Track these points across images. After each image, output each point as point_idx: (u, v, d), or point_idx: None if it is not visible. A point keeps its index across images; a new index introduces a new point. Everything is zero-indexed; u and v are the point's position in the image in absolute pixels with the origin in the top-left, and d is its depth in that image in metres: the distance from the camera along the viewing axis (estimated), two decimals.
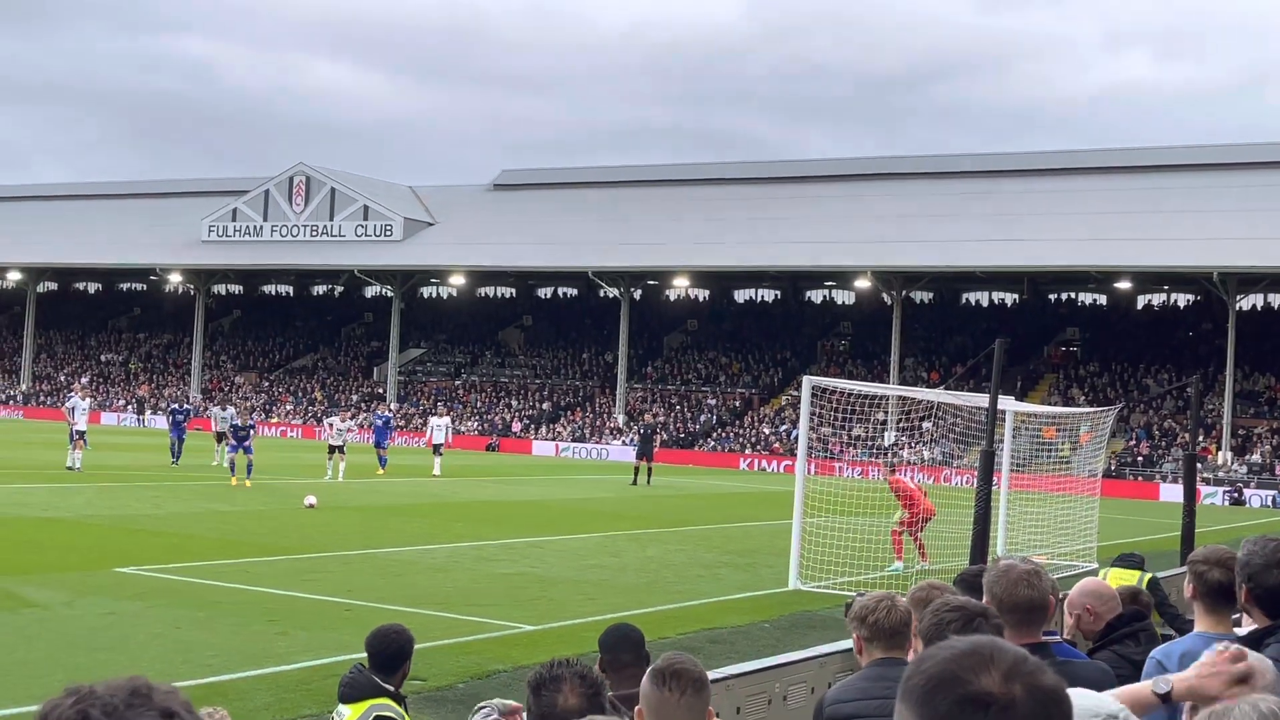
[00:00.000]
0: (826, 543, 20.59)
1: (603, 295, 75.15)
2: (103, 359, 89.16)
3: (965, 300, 76.24)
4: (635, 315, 72.31)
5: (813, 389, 21.18)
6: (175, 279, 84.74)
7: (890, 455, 41.56)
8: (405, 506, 30.75)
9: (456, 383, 78.49)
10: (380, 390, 77.79)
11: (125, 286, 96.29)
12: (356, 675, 6.82)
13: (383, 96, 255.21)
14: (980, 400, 23.82)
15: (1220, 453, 56.53)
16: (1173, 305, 71.67)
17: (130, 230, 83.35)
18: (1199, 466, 37.88)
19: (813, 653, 9.28)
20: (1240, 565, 4.59)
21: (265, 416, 69.99)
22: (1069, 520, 25.90)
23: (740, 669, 8.46)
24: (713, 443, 66.43)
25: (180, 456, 40.16)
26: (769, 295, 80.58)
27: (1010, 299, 75.13)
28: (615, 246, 69.21)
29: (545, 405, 73.32)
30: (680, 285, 77.63)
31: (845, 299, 77.27)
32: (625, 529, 27.76)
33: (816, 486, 23.24)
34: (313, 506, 27.83)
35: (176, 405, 44.51)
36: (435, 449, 43.09)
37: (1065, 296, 74.07)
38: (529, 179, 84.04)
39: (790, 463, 55.19)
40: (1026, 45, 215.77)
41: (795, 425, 53.75)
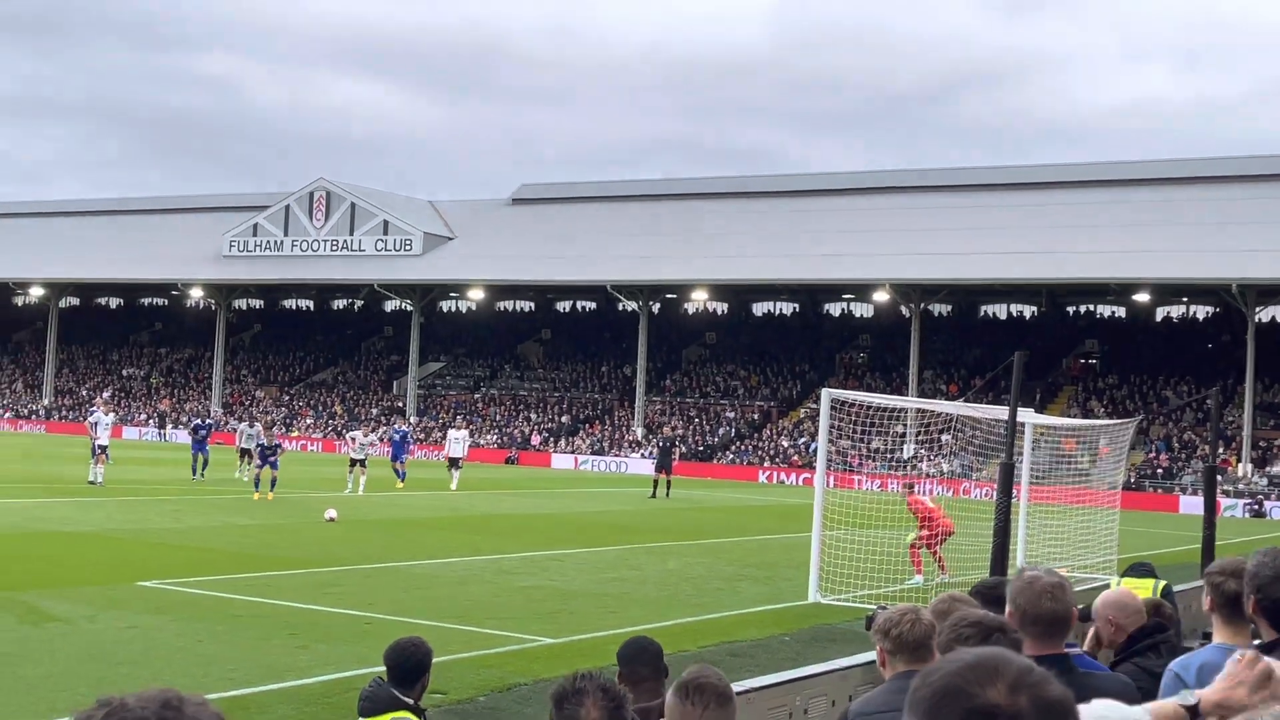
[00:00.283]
0: (846, 556, 20.55)
1: (621, 308, 75.18)
2: (124, 373, 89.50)
3: (984, 313, 76.08)
4: (654, 328, 72.32)
5: (832, 402, 21.15)
6: (196, 294, 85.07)
7: (909, 468, 41.46)
8: (425, 519, 30.80)
9: (476, 396, 78.59)
10: (400, 404, 77.90)
11: (147, 301, 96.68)
12: (376, 689, 6.84)
13: (403, 112, 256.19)
14: (999, 413, 23.76)
15: (1240, 465, 56.27)
16: (1192, 317, 71.42)
17: (152, 245, 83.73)
18: (1219, 479, 37.72)
19: (833, 666, 9.29)
20: (1249, 576, 4.59)
21: (286, 430, 70.14)
22: (1089, 533, 25.80)
23: (760, 682, 8.46)
24: (731, 455, 66.36)
25: (205, 470, 40.18)
26: (787, 308, 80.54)
27: (1029, 311, 74.96)
28: (634, 260, 69.25)
29: (564, 418, 73.35)
30: (699, 298, 77.61)
31: (864, 311, 77.17)
32: (644, 542, 27.75)
33: (836, 499, 23.19)
34: (333, 520, 27.89)
35: (199, 420, 44.60)
36: (453, 463, 43.07)
37: (1084, 309, 73.87)
38: (548, 193, 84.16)
39: (809, 475, 55.10)
40: (1044, 59, 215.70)
41: (814, 438, 53.66)
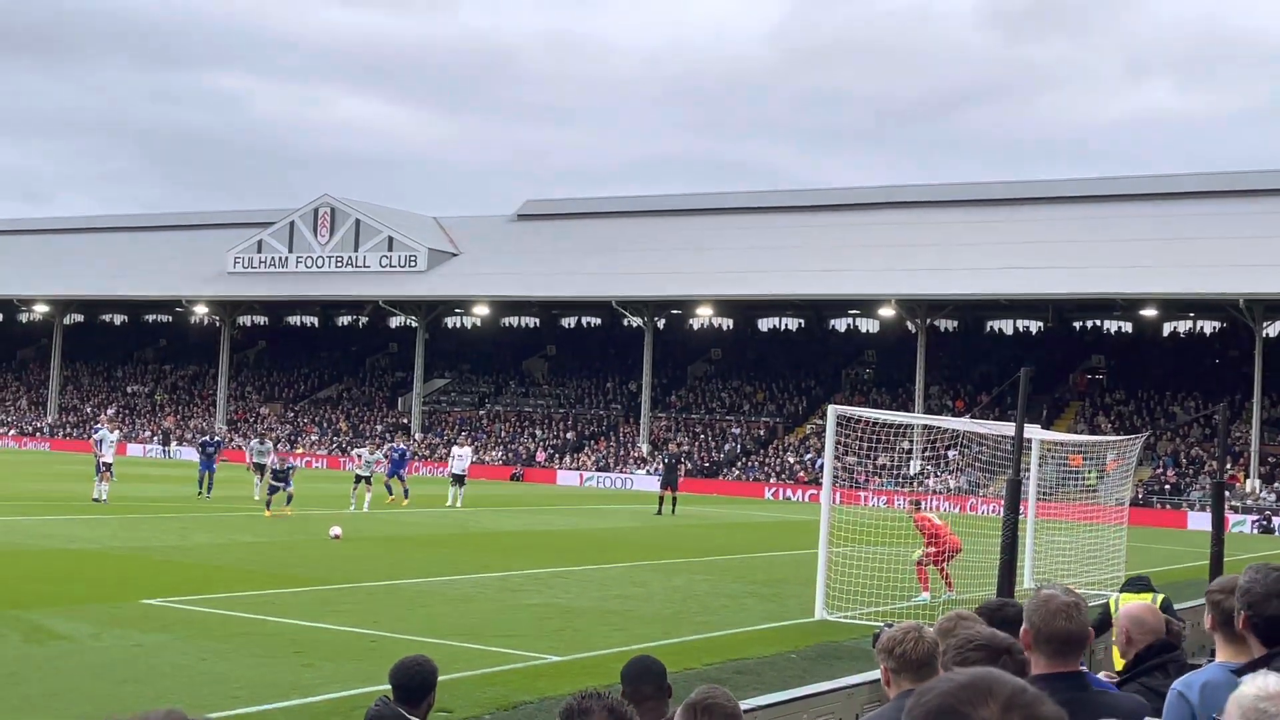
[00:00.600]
0: (853, 572, 20.49)
1: (626, 324, 75.20)
2: (128, 390, 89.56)
3: (990, 328, 76.03)
4: (659, 344, 72.31)
5: (838, 418, 21.11)
6: (201, 310, 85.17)
7: (915, 485, 41.37)
8: (429, 537, 30.77)
9: (481, 412, 78.59)
10: (405, 420, 77.92)
11: (151, 318, 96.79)
12: (382, 707, 6.82)
13: (407, 128, 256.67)
14: (1006, 429, 23.72)
15: (1248, 480, 56.13)
16: (1199, 332, 71.33)
17: (156, 262, 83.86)
18: (1227, 494, 37.64)
19: (840, 684, 9.24)
20: (1240, 592, 4.61)
21: (290, 447, 70.15)
22: (1096, 549, 25.74)
23: (767, 700, 8.42)
24: (737, 472, 66.29)
25: (212, 489, 39.99)
26: (793, 324, 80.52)
27: (1035, 327, 74.89)
28: (639, 276, 69.28)
29: (569, 435, 73.32)
30: (704, 314, 77.64)
31: (869, 327, 77.17)
32: (650, 559, 27.70)
33: (842, 516, 23.14)
34: (338, 538, 27.85)
35: (206, 438, 44.52)
36: (456, 479, 42.94)
37: (1090, 324, 73.80)
38: (552, 209, 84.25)
39: (815, 492, 55.07)
40: (1049, 74, 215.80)
41: (820, 454, 53.64)
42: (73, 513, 32.29)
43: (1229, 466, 54.10)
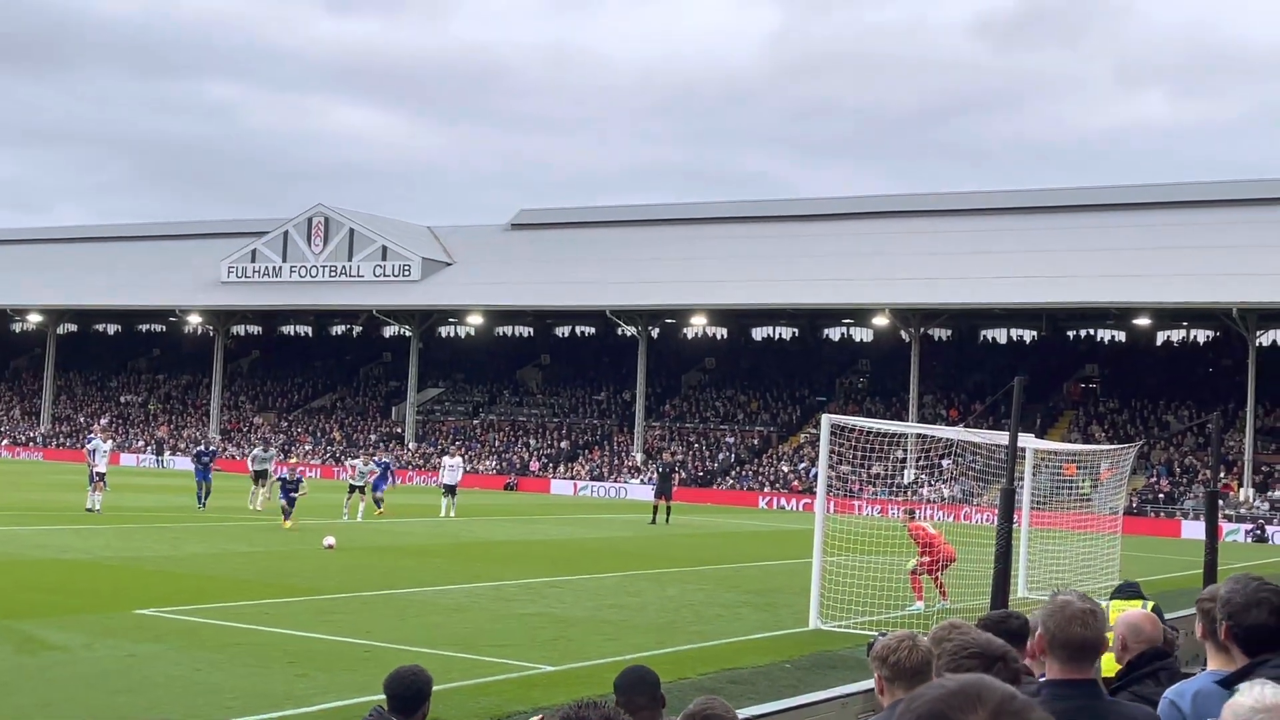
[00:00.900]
0: (847, 582, 20.49)
1: (620, 334, 75.23)
2: (122, 400, 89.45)
3: (984, 337, 76.13)
4: (653, 353, 72.33)
5: (832, 427, 21.12)
6: (194, 320, 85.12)
7: (909, 494, 41.35)
8: (423, 547, 30.73)
9: (474, 422, 78.55)
10: (399, 430, 77.87)
11: (145, 328, 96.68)
12: (376, 717, 6.81)
13: (401, 138, 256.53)
14: (1000, 437, 23.74)
15: (1242, 489, 56.20)
16: (1192, 341, 71.45)
17: (150, 272, 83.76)
18: (1221, 503, 37.70)
19: (834, 693, 9.24)
20: (1221, 603, 4.64)
21: (284, 456, 70.06)
22: (1090, 558, 25.76)
23: (762, 710, 8.42)
24: (731, 481, 66.30)
25: (208, 498, 39.74)
26: (787, 333, 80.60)
27: (1029, 336, 75.00)
28: (633, 285, 69.31)
29: (563, 444, 73.30)
30: (698, 323, 77.71)
31: (863, 336, 77.24)
32: (644, 568, 27.67)
33: (836, 525, 23.14)
34: (331, 547, 27.81)
35: (201, 447, 44.33)
36: (447, 490, 42.74)
37: (1084, 333, 73.92)
38: (546, 218, 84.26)
39: (809, 501, 55.04)
40: (1041, 83, 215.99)
41: (814, 463, 53.61)
42: (66, 523, 32.22)
43: (1222, 475, 54.19)
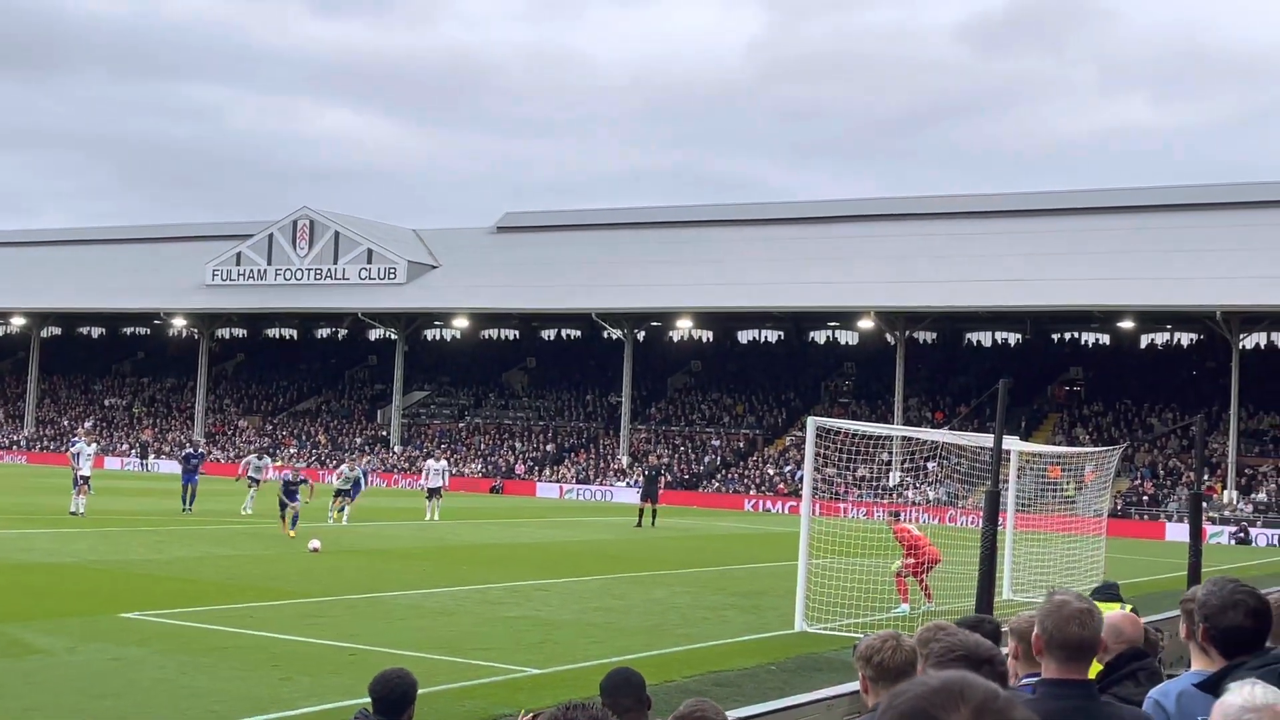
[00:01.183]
0: (832, 584, 20.52)
1: (606, 337, 75.21)
2: (106, 403, 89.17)
3: (968, 340, 76.26)
4: (639, 357, 72.33)
5: (817, 429, 21.14)
6: (179, 323, 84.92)
7: (894, 496, 41.41)
8: (408, 550, 30.70)
9: (460, 425, 78.46)
10: (384, 433, 77.76)
11: (129, 331, 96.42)
12: None
13: (387, 141, 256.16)
14: (985, 440, 23.79)
15: (1225, 492, 56.37)
16: (1176, 344, 71.66)
17: (134, 275, 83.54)
18: (1204, 506, 37.82)
19: (820, 695, 9.26)
20: (1198, 605, 4.66)
21: (271, 460, 69.82)
22: (1075, 560, 25.81)
23: (747, 712, 8.43)
24: (717, 484, 66.32)
25: (194, 501, 39.61)
26: (772, 336, 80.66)
27: (1013, 339, 75.15)
28: (618, 288, 69.31)
29: (549, 447, 73.25)
30: (683, 326, 77.73)
31: (849, 339, 77.33)
32: (630, 571, 27.68)
33: (822, 528, 23.15)
34: (317, 550, 27.77)
35: (189, 450, 44.16)
36: (432, 493, 42.68)
37: (1068, 336, 74.10)
38: (532, 221, 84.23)
39: (795, 504, 55.05)
40: (1025, 87, 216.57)
41: (800, 466, 53.69)
42: (50, 526, 32.11)
43: (1206, 478, 54.35)
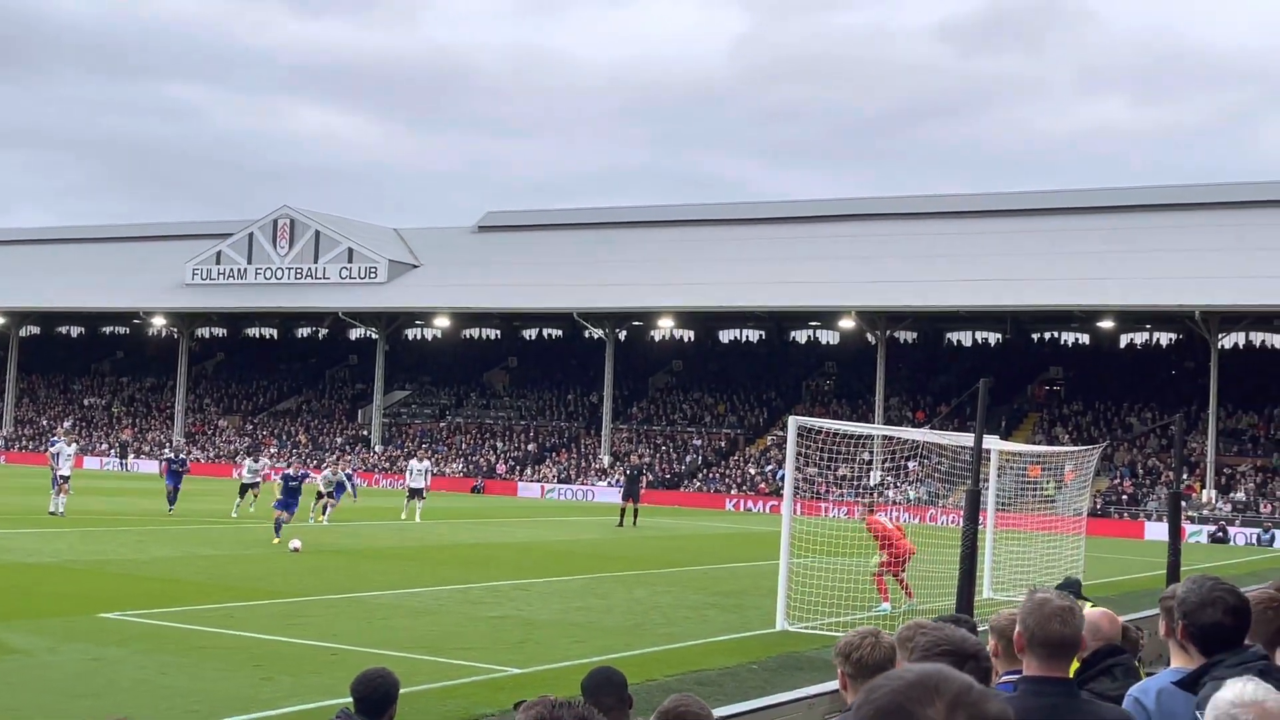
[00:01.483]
0: (814, 583, 20.56)
1: (588, 336, 75.20)
2: (85, 403, 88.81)
3: (949, 340, 76.45)
4: (620, 356, 72.32)
5: (798, 429, 21.19)
6: (159, 322, 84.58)
7: (873, 495, 41.45)
8: (390, 550, 30.66)
9: (441, 424, 78.35)
10: (365, 433, 77.61)
11: (108, 330, 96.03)
12: None
13: (367, 140, 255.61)
14: (965, 439, 23.87)
15: (1204, 491, 56.60)
16: (1155, 344, 71.95)
17: (113, 273, 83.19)
18: (1183, 505, 37.95)
19: (801, 694, 9.28)
20: (1178, 602, 4.70)
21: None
22: (1054, 559, 25.90)
23: (729, 711, 8.45)
24: (698, 483, 66.37)
25: (175, 502, 39.47)
26: (754, 335, 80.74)
27: (994, 338, 75.35)
28: (600, 287, 69.30)
29: (530, 446, 73.21)
30: (665, 326, 77.76)
31: (829, 339, 77.45)
32: (611, 570, 27.68)
33: (803, 527, 23.20)
34: (298, 550, 27.72)
35: (172, 455, 44.08)
36: (413, 494, 42.61)
37: (1048, 336, 74.35)
38: (513, 220, 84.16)
39: (776, 503, 55.14)
40: (1004, 89, 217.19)
41: (781, 465, 53.74)
42: (29, 526, 31.98)
43: (1185, 477, 54.58)
